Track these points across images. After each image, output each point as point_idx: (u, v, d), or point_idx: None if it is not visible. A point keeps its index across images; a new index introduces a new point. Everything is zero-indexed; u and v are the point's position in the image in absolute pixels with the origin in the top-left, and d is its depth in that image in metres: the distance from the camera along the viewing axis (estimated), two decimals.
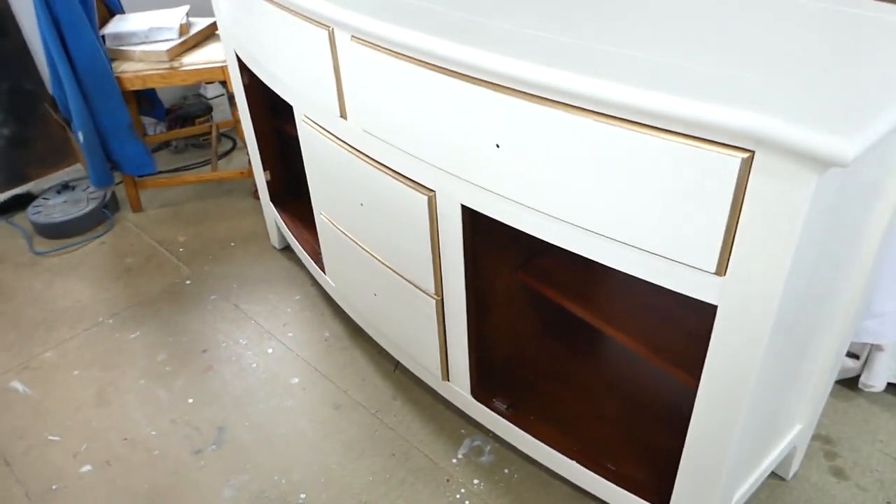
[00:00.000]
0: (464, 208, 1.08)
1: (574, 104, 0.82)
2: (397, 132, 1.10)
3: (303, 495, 1.40)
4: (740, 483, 1.12)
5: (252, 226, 2.26)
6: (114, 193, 2.39)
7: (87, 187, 2.39)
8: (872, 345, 1.51)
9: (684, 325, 1.14)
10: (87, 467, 1.49)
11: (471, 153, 0.99)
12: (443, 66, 0.95)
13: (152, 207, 2.40)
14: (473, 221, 1.11)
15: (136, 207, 2.37)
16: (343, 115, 1.22)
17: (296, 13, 1.19)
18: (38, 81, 2.50)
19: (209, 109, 2.76)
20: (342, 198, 1.37)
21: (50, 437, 1.57)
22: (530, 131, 0.89)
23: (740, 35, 0.87)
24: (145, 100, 2.50)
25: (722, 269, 0.81)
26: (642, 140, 0.78)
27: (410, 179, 1.14)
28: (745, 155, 0.71)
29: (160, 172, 2.55)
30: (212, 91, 2.79)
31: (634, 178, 0.82)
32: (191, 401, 1.64)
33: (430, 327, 1.30)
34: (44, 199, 2.35)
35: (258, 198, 2.40)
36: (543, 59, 0.83)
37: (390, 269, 1.32)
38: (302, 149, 1.47)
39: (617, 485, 1.17)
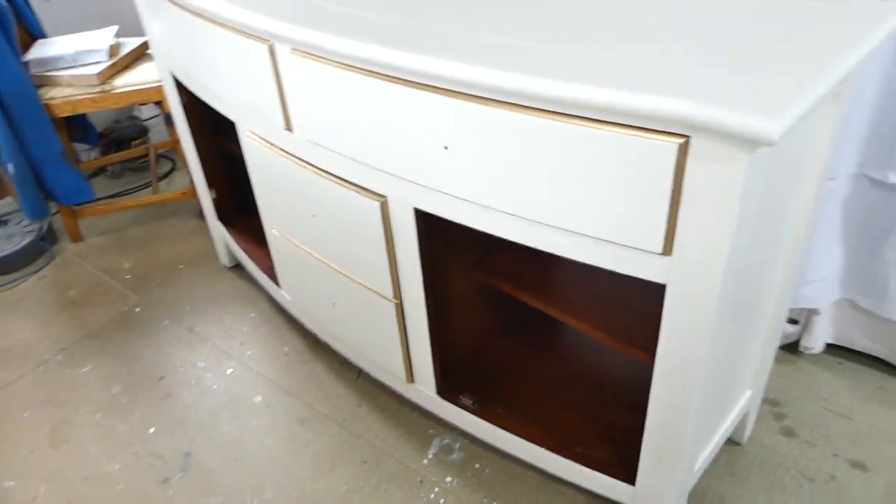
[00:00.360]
0: (417, 211, 1.10)
1: (516, 102, 0.86)
2: (345, 141, 1.12)
3: None
4: (700, 451, 1.18)
5: (199, 246, 2.23)
6: (50, 224, 2.31)
7: (21, 220, 2.31)
8: (810, 309, 1.60)
9: (638, 307, 1.19)
10: None
11: (420, 157, 1.01)
12: (385, 72, 0.96)
13: (92, 236, 2.33)
14: (427, 224, 1.13)
15: (76, 237, 2.30)
16: (289, 128, 1.22)
17: (235, 30, 1.19)
18: None
19: (145, 131, 2.70)
20: (293, 210, 1.37)
21: (5, 484, 1.51)
22: (476, 131, 0.91)
23: (664, 25, 0.92)
24: (76, 125, 2.42)
25: (668, 249, 0.85)
26: (583, 132, 0.82)
27: (361, 187, 1.15)
28: (681, 140, 0.76)
29: (98, 199, 2.47)
30: (146, 112, 2.73)
31: (579, 168, 0.85)
32: (152, 430, 1.60)
33: (391, 331, 1.32)
34: None
35: (204, 217, 2.36)
36: (484, 61, 0.86)
37: (347, 276, 1.33)
38: (248, 165, 1.46)
39: (586, 466, 1.21)
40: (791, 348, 1.68)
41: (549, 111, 0.84)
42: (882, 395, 1.57)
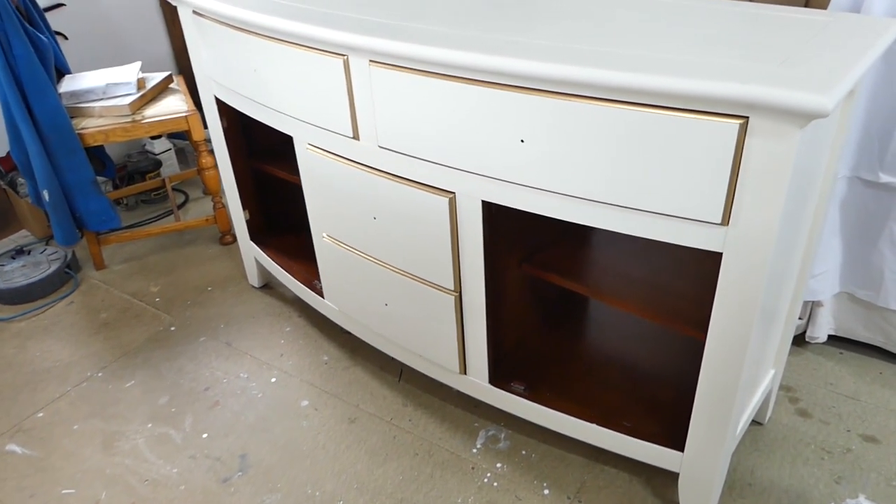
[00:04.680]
0: (484, 204, 1.22)
1: (591, 95, 1.00)
2: (416, 143, 1.24)
3: (340, 502, 1.46)
4: (741, 415, 1.30)
5: (225, 269, 2.30)
6: (74, 253, 2.36)
7: (44, 250, 2.35)
8: (814, 302, 1.76)
9: (676, 292, 1.33)
10: None
11: (493, 151, 1.14)
12: (468, 76, 1.10)
13: (115, 263, 2.38)
14: (490, 217, 1.25)
15: (100, 264, 2.35)
16: (356, 137, 1.34)
17: (306, 47, 1.32)
18: None
19: (158, 165, 2.78)
20: (351, 215, 1.48)
21: (63, 491, 1.54)
22: (552, 124, 1.05)
23: (705, 36, 1.08)
24: (95, 159, 2.49)
25: (725, 219, 0.99)
26: (651, 118, 0.96)
27: (429, 185, 1.27)
28: (741, 121, 0.91)
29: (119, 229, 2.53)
30: (158, 146, 2.82)
31: (646, 151, 0.99)
32: (205, 436, 1.66)
33: (448, 323, 1.42)
34: None
35: (225, 243, 2.44)
36: (560, 60, 1.00)
37: (405, 274, 1.44)
38: (302, 177, 1.57)
39: (635, 438, 1.32)
40: (797, 340, 1.83)
41: (620, 101, 0.98)
42: (883, 379, 1.72)
